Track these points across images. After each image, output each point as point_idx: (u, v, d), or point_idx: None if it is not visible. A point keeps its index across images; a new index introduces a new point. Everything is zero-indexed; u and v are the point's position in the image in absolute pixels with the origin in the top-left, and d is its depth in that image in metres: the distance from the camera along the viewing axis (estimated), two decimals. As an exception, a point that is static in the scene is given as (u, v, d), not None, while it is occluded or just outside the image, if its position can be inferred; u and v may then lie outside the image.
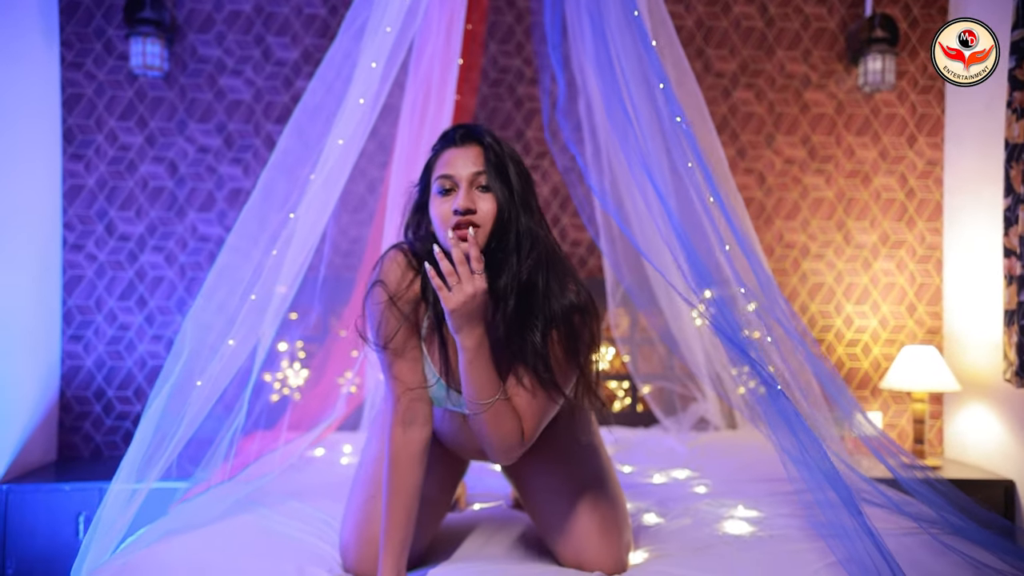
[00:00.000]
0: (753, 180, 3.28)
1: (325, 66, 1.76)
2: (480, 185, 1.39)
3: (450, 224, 1.36)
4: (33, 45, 2.94)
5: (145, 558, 1.49)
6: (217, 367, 1.56)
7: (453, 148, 1.43)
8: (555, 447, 1.60)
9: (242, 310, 1.58)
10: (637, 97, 1.70)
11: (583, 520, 1.55)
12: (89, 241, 3.09)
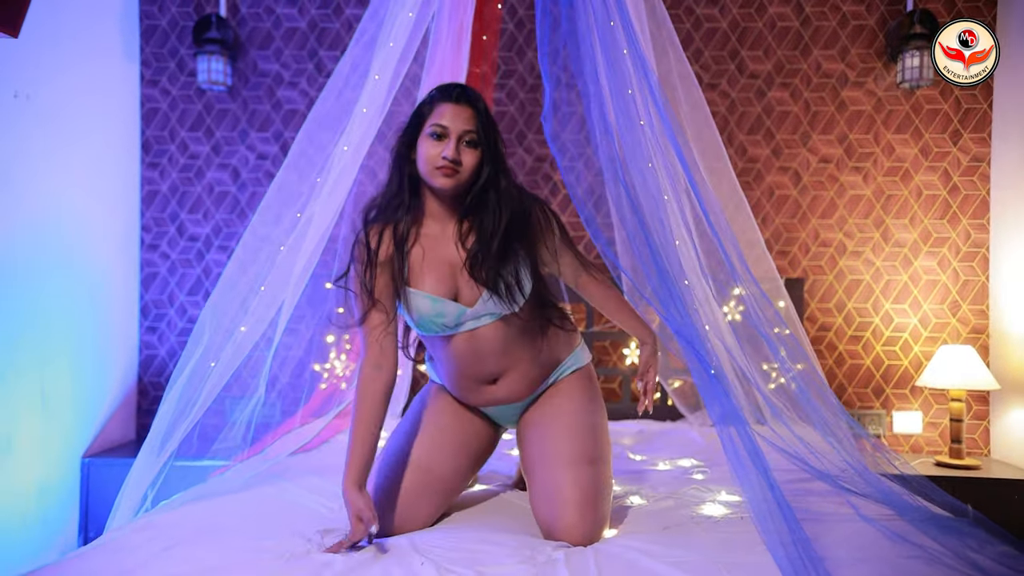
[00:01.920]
0: (788, 179, 3.31)
1: (334, 77, 1.95)
2: (467, 141, 1.67)
3: (436, 165, 1.65)
4: (116, 65, 3.27)
5: (165, 519, 1.71)
6: (230, 351, 1.77)
7: (450, 104, 1.68)
8: (569, 422, 1.78)
9: (253, 300, 1.80)
10: (615, 103, 1.81)
11: (566, 491, 1.67)
12: (163, 241, 3.40)
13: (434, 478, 1.76)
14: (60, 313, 2.89)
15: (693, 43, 3.32)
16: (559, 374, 1.86)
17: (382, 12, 2.00)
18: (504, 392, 1.81)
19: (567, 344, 1.88)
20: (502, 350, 1.76)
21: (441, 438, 1.82)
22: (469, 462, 1.85)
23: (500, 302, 1.71)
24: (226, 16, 3.34)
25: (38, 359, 2.76)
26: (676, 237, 1.88)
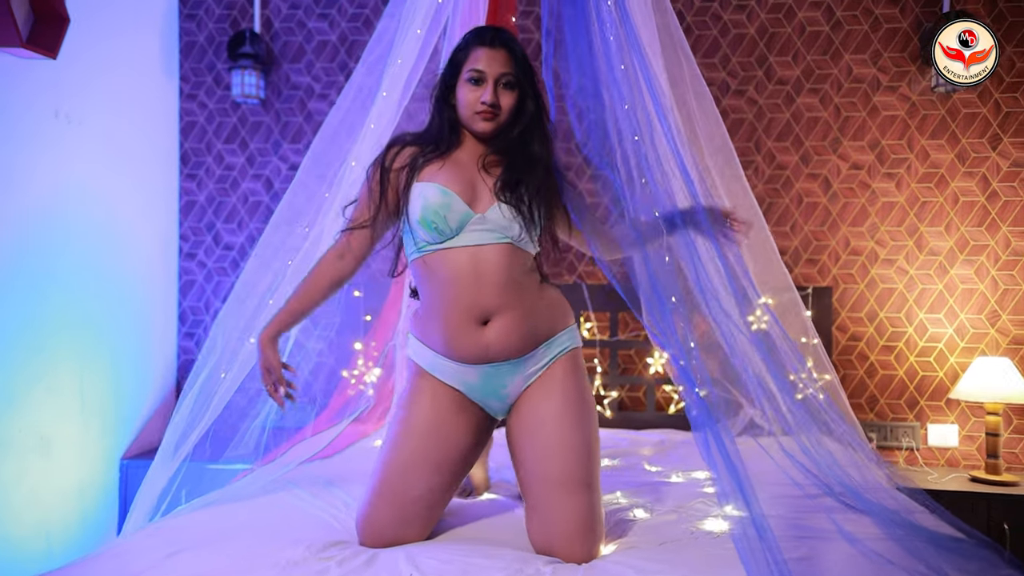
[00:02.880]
0: (818, 186, 3.26)
1: (343, 95, 2.00)
2: (505, 83, 1.72)
3: (476, 109, 1.72)
4: (157, 81, 3.39)
5: (175, 524, 1.78)
6: (237, 362, 1.83)
7: (486, 48, 1.73)
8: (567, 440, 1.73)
9: (261, 313, 1.86)
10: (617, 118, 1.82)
11: (564, 520, 1.66)
12: (200, 250, 3.51)
13: (415, 505, 1.72)
14: (100, 319, 3.01)
15: (720, 49, 3.29)
16: (554, 350, 1.79)
17: (391, 30, 2.05)
18: (495, 338, 1.72)
19: (563, 316, 1.83)
20: (503, 281, 1.71)
21: (419, 454, 1.75)
22: (451, 476, 1.78)
23: (513, 215, 1.70)
24: (260, 31, 3.44)
25: (77, 364, 2.88)
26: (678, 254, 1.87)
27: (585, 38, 1.87)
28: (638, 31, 1.94)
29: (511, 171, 1.74)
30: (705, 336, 2.84)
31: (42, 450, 2.71)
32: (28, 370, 2.65)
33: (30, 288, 2.65)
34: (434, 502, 1.76)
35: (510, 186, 1.72)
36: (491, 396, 1.80)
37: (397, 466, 1.74)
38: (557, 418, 1.76)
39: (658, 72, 2.11)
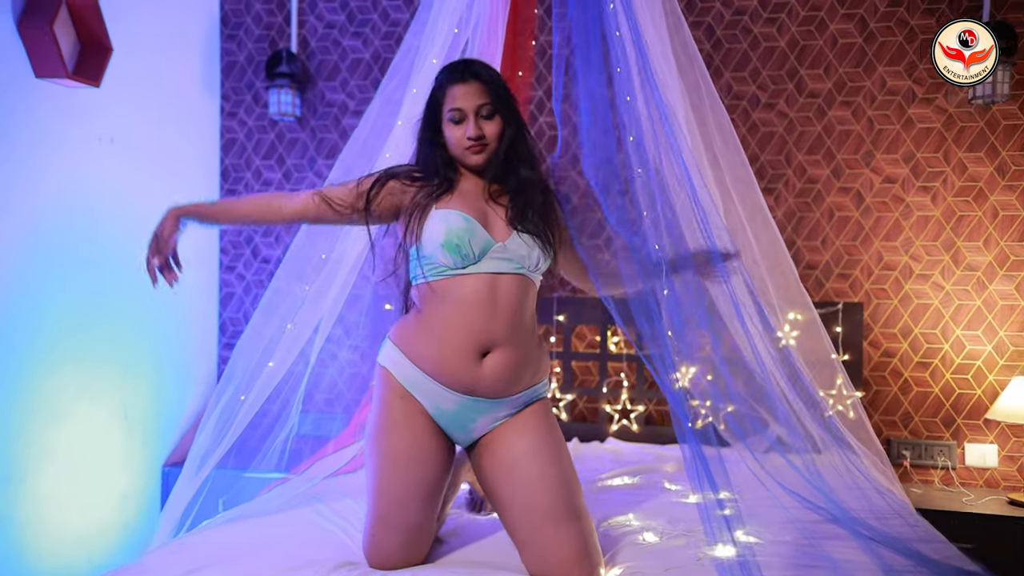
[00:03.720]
0: (850, 200, 3.22)
1: (361, 125, 2.06)
2: (484, 114, 1.76)
3: (464, 146, 1.76)
4: (199, 99, 3.51)
5: (198, 540, 1.86)
6: (256, 386, 1.91)
7: (459, 84, 1.76)
8: (547, 472, 1.75)
9: (280, 338, 1.93)
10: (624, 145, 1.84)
11: (559, 551, 1.68)
12: (239, 263, 3.62)
13: (414, 532, 1.76)
14: (143, 331, 3.14)
15: (750, 63, 3.27)
16: (528, 398, 1.82)
17: (409, 59, 2.10)
18: (488, 372, 1.73)
19: (544, 370, 1.87)
20: (515, 314, 1.74)
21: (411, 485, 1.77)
22: (439, 499, 1.82)
23: (532, 243, 1.75)
24: (296, 51, 3.53)
25: (120, 375, 3.00)
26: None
27: (596, 67, 1.89)
28: (652, 62, 1.95)
29: (517, 198, 1.79)
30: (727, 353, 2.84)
31: (85, 459, 2.84)
32: (72, 380, 2.78)
33: (76, 301, 2.78)
34: (429, 524, 1.80)
35: (523, 214, 1.77)
36: (457, 427, 1.81)
37: (393, 498, 1.75)
38: (532, 453, 1.77)
39: (673, 100, 2.11)
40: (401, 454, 1.77)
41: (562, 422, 3.28)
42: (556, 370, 3.33)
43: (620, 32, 1.87)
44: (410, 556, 1.76)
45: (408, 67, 2.11)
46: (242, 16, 3.62)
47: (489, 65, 1.84)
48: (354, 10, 3.55)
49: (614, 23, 1.91)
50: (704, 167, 2.32)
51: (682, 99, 2.21)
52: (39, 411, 2.61)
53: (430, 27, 2.11)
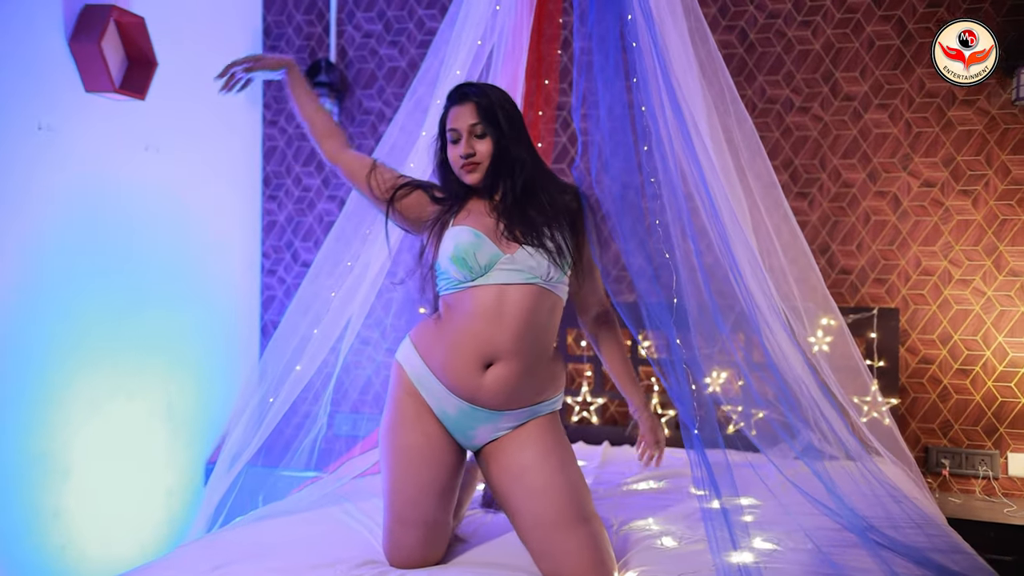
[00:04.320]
0: (887, 204, 3.18)
1: (387, 135, 2.13)
2: (476, 133, 1.81)
3: (459, 166, 1.84)
4: (242, 109, 3.62)
5: (228, 537, 1.93)
6: (284, 389, 1.98)
7: (456, 106, 1.85)
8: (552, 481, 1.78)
9: (306, 344, 2.00)
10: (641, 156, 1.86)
11: (571, 556, 1.71)
12: (280, 267, 3.72)
13: (430, 529, 1.81)
14: (187, 332, 3.25)
15: (784, 66, 3.25)
16: (530, 414, 1.85)
17: (434, 70, 2.15)
18: (488, 385, 1.77)
19: (555, 387, 1.89)
20: (522, 325, 1.76)
21: (425, 484, 1.82)
22: (452, 496, 1.86)
23: (540, 254, 1.77)
24: (335, 60, 3.61)
25: (164, 375, 3.12)
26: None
27: (614, 76, 1.91)
28: (672, 72, 1.97)
29: (507, 213, 1.82)
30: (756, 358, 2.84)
31: (130, 455, 2.96)
32: (117, 380, 2.89)
33: (120, 302, 2.89)
34: (446, 522, 1.85)
35: (530, 231, 1.80)
36: (459, 432, 1.85)
37: (408, 496, 1.81)
38: (538, 463, 1.80)
39: (695, 110, 2.12)
40: (413, 452, 1.83)
41: (593, 426, 3.30)
42: (587, 374, 3.35)
43: (637, 43, 1.89)
44: (428, 554, 1.81)
45: (433, 78, 2.16)
46: (284, 27, 3.73)
47: (486, 86, 1.89)
48: (391, 19, 3.62)
49: (633, 33, 1.93)
50: (729, 176, 2.32)
51: (705, 109, 2.22)
52: (79, 408, 2.73)
53: (455, 39, 2.15)
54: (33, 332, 2.55)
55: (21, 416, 2.52)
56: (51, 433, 2.62)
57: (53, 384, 2.62)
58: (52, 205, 2.59)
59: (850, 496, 1.92)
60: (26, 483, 2.54)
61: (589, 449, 3.13)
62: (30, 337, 2.54)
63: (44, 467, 2.59)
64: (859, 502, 1.93)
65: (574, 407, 3.34)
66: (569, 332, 3.38)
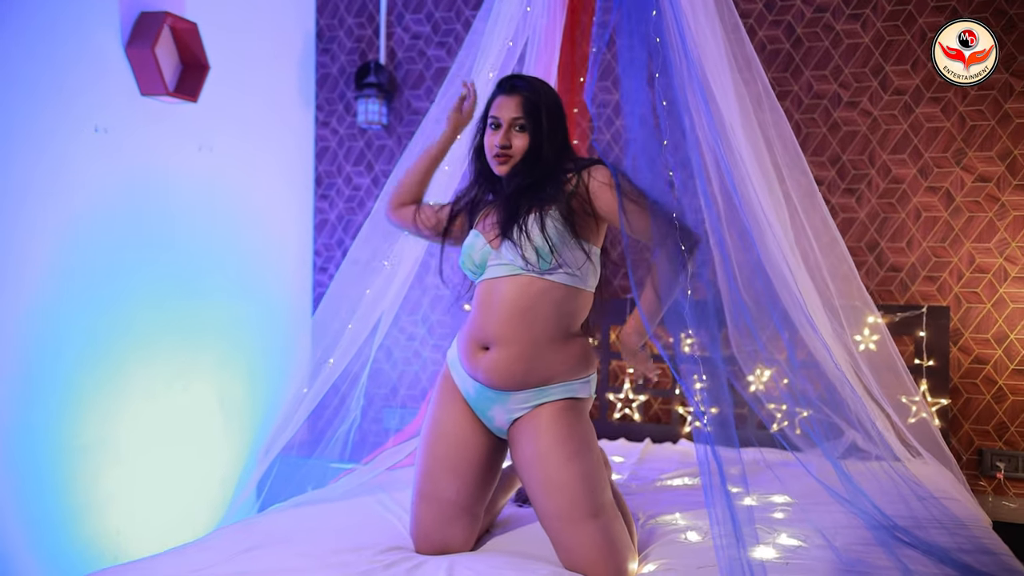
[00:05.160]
0: (939, 200, 3.09)
1: (415, 139, 2.18)
2: (517, 127, 1.87)
3: (492, 153, 1.89)
4: (295, 110, 3.74)
5: (262, 521, 2.01)
6: (318, 380, 2.05)
7: (503, 95, 1.90)
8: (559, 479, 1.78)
9: (340, 339, 2.07)
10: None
11: (580, 550, 1.73)
12: (332, 265, 3.82)
13: (449, 507, 1.85)
14: (240, 326, 3.37)
15: (832, 61, 3.19)
16: (542, 398, 1.84)
17: (465, 71, 2.19)
18: (486, 366, 1.84)
19: (570, 368, 1.86)
20: (507, 312, 1.81)
21: (441, 458, 1.89)
22: (475, 480, 1.88)
23: (513, 248, 1.80)
24: (385, 62, 3.69)
25: (216, 368, 3.24)
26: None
27: (638, 72, 1.92)
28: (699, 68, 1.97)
29: (505, 206, 1.86)
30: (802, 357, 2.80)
31: (185, 444, 3.08)
32: (172, 371, 3.02)
33: (176, 296, 3.02)
34: (469, 500, 1.88)
35: (503, 220, 1.84)
36: (480, 412, 1.92)
37: (427, 470, 1.91)
38: (546, 453, 1.81)
39: (725, 107, 2.11)
40: (434, 428, 1.94)
41: (635, 423, 3.30)
42: (629, 371, 3.35)
43: (662, 38, 1.90)
44: (447, 536, 1.85)
45: (465, 76, 2.20)
46: (336, 31, 3.82)
47: (537, 81, 1.92)
48: (439, 21, 3.68)
49: (658, 28, 1.93)
50: (768, 174, 2.30)
51: (739, 106, 2.20)
52: (134, 397, 2.85)
53: (486, 39, 2.19)
54: (88, 324, 2.68)
55: (77, 404, 2.65)
56: (106, 420, 2.75)
57: (106, 373, 2.75)
58: (106, 203, 2.73)
59: (874, 494, 1.89)
60: (81, 468, 2.67)
61: (630, 446, 3.13)
62: (85, 329, 2.67)
63: (99, 453, 2.73)
64: (882, 500, 1.90)
65: (616, 404, 3.34)
66: (613, 329, 3.38)
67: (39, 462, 2.54)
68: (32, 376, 2.51)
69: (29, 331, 2.49)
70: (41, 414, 2.54)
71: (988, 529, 2.07)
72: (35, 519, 2.52)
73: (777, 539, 1.98)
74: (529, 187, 1.85)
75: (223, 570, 1.68)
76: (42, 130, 2.50)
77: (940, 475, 2.48)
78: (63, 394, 2.61)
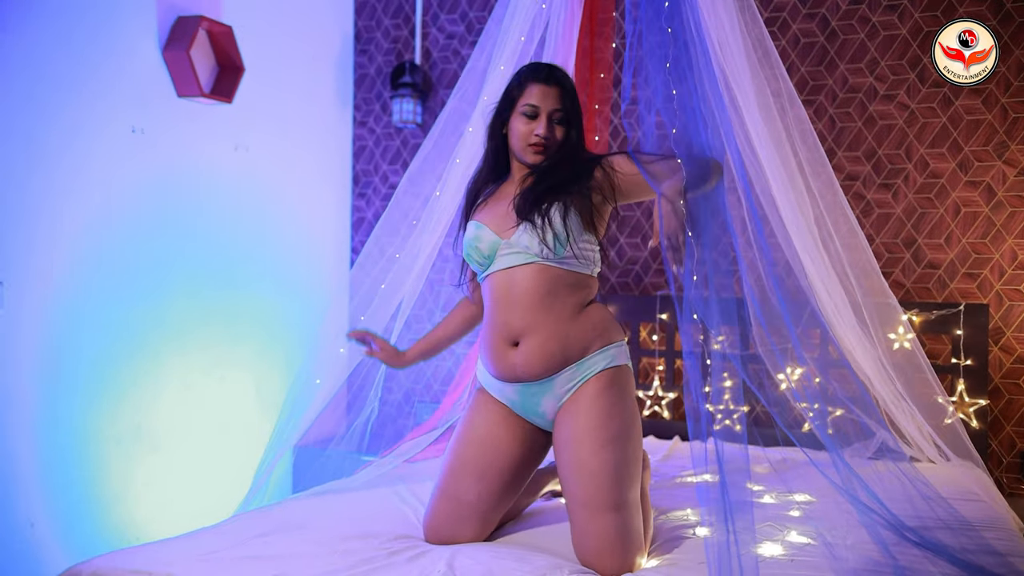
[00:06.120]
0: (979, 195, 3.00)
1: (429, 136, 2.22)
2: (557, 119, 1.87)
3: (529, 141, 1.86)
4: (333, 110, 3.82)
5: (278, 509, 2.06)
6: (332, 371, 2.10)
7: (541, 84, 1.87)
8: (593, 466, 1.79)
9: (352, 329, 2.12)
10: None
11: (595, 538, 1.75)
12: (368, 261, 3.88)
13: (465, 507, 1.87)
14: (278, 321, 3.45)
15: (868, 53, 3.13)
16: (584, 371, 1.84)
17: (480, 66, 2.22)
18: (521, 360, 1.83)
19: (601, 333, 1.86)
20: (531, 302, 1.82)
21: (467, 460, 1.91)
22: (500, 483, 1.90)
23: (532, 232, 1.79)
24: (420, 62, 3.74)
25: (253, 360, 3.32)
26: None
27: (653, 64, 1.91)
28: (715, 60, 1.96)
29: (527, 193, 1.85)
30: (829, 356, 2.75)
31: (221, 434, 3.17)
32: (209, 363, 3.12)
33: (213, 291, 3.11)
34: (487, 505, 1.90)
35: (526, 206, 1.83)
36: (531, 413, 1.92)
37: (451, 472, 1.93)
38: (578, 440, 1.81)
39: (744, 102, 2.09)
40: (468, 431, 1.96)
41: (664, 420, 3.28)
42: (659, 368, 3.33)
43: (673, 29, 1.88)
44: (457, 531, 1.88)
45: (481, 73, 2.23)
46: (373, 32, 3.89)
47: (569, 75, 1.94)
48: (473, 20, 3.72)
49: (669, 19, 1.92)
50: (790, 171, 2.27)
51: (756, 101, 2.18)
52: (171, 386, 2.95)
53: (501, 36, 2.21)
54: (124, 316, 2.78)
55: (112, 393, 2.75)
56: (143, 409, 2.84)
57: (143, 364, 2.84)
58: (142, 199, 2.83)
59: (879, 493, 1.86)
60: (119, 454, 2.77)
61: (658, 443, 3.12)
62: (121, 321, 2.77)
63: (136, 440, 2.82)
64: (888, 498, 1.86)
65: (646, 401, 3.33)
66: (643, 327, 3.37)
67: (73, 451, 2.64)
68: (68, 365, 2.61)
69: (66, 321, 2.60)
70: (77, 403, 2.64)
71: (1013, 532, 2.00)
72: (67, 507, 2.62)
73: (787, 536, 1.96)
74: (555, 177, 1.86)
75: (235, 553, 1.74)
76: (83, 131, 2.61)
77: (968, 476, 2.42)
78: (98, 383, 2.71)
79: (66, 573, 1.61)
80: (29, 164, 2.46)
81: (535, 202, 1.82)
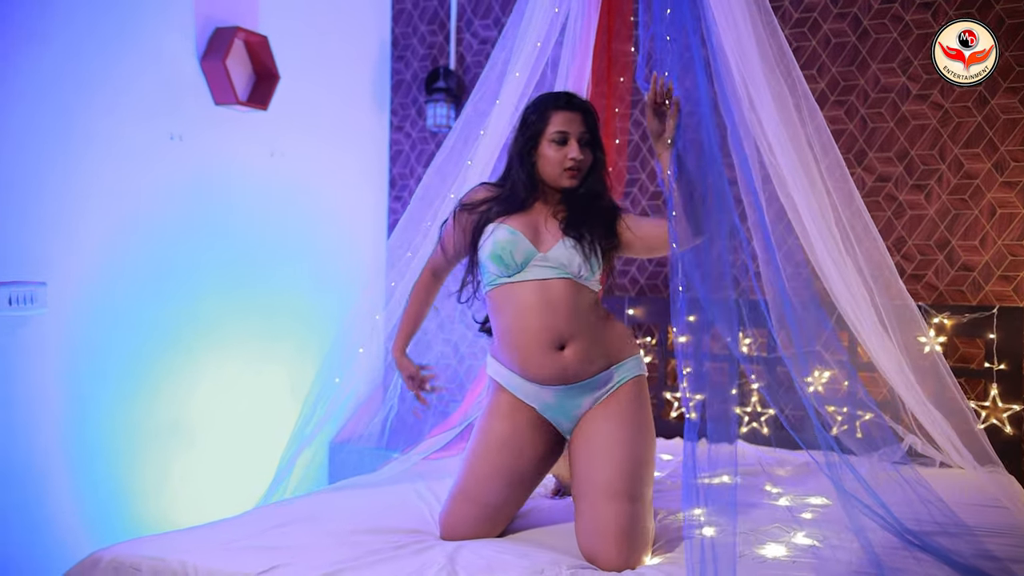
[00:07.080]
0: (1015, 195, 2.93)
1: (449, 137, 2.27)
2: (583, 142, 1.95)
3: (565, 166, 1.94)
4: (370, 115, 3.91)
5: (295, 502, 2.15)
6: (350, 370, 2.17)
7: (566, 111, 1.95)
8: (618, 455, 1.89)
9: (368, 328, 2.18)
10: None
11: (606, 525, 1.79)
12: (402, 263, 3.96)
13: (488, 510, 1.94)
14: (315, 319, 3.54)
15: (900, 52, 3.08)
16: (622, 374, 1.97)
17: (498, 68, 2.27)
18: (573, 360, 1.92)
19: (629, 343, 2.02)
20: (571, 310, 1.92)
21: (499, 466, 1.97)
22: (523, 486, 1.98)
23: (573, 252, 1.91)
24: (454, 67, 3.81)
25: (288, 358, 3.42)
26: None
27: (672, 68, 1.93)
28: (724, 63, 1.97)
29: (575, 213, 1.96)
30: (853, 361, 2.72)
31: (257, 428, 3.27)
32: (245, 360, 3.22)
33: (250, 290, 3.21)
34: (512, 508, 1.99)
35: (575, 226, 1.94)
36: (563, 415, 1.99)
37: (477, 475, 1.98)
38: (610, 434, 1.92)
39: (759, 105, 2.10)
40: (495, 437, 2.01)
41: (691, 422, 3.27)
42: (686, 371, 3.32)
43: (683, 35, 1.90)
44: (476, 531, 1.94)
45: (498, 76, 2.28)
46: (409, 38, 3.97)
47: (585, 99, 2.06)
48: (505, 25, 3.75)
49: (680, 23, 1.94)
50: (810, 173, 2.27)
51: (773, 104, 2.18)
52: (207, 382, 3.06)
53: (518, 41, 2.26)
54: (160, 314, 2.88)
55: (149, 388, 2.86)
56: (179, 404, 2.96)
57: (178, 360, 2.95)
58: (179, 203, 2.94)
59: (882, 495, 1.85)
60: (156, 447, 2.88)
61: (682, 444, 3.12)
62: (159, 320, 2.88)
63: (173, 434, 2.94)
64: (890, 501, 1.85)
65: (673, 403, 3.33)
66: (671, 330, 3.37)
67: (111, 445, 2.75)
68: (106, 362, 2.72)
69: (105, 320, 2.71)
70: (114, 398, 2.76)
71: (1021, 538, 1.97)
72: (104, 500, 2.72)
73: (793, 538, 1.96)
74: (595, 206, 1.99)
75: (248, 543, 1.82)
76: (123, 137, 2.73)
77: (996, 483, 2.37)
78: (135, 379, 2.81)
79: (87, 559, 1.70)
80: (70, 170, 2.59)
81: (581, 223, 1.94)
